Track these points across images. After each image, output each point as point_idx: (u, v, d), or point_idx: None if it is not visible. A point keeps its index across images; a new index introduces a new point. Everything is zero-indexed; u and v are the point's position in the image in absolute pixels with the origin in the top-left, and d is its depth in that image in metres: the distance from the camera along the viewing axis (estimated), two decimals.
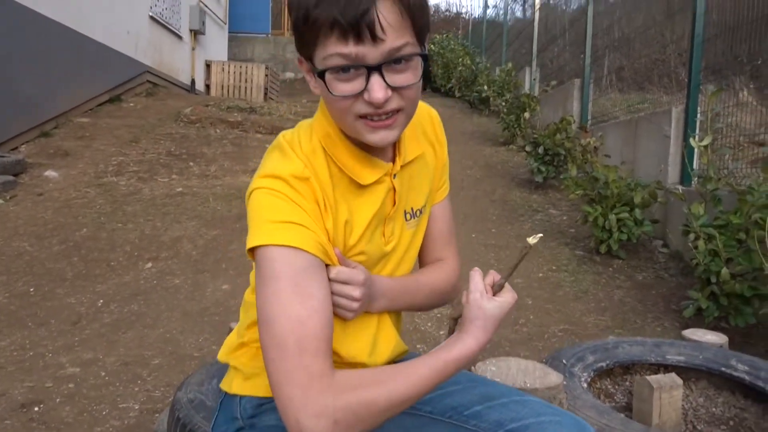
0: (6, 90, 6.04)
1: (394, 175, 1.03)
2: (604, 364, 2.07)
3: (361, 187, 0.99)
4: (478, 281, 0.95)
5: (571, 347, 2.17)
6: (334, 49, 0.83)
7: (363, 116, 0.88)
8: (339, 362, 0.98)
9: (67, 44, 7.08)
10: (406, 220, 1.08)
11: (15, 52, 6.14)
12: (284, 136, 0.99)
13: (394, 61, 0.85)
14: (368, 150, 0.98)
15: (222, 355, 1.11)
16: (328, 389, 0.78)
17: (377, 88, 0.84)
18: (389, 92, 0.86)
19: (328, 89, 0.86)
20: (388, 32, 0.82)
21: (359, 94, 0.86)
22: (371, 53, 0.83)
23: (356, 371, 0.86)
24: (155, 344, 3.00)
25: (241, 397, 1.04)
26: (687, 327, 3.01)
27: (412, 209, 1.08)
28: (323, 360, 0.81)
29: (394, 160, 1.03)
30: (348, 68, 0.84)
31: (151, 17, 9.53)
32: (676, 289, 3.63)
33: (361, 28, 0.80)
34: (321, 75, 0.86)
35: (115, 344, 3.01)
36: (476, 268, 0.97)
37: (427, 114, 1.14)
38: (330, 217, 0.94)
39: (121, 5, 8.46)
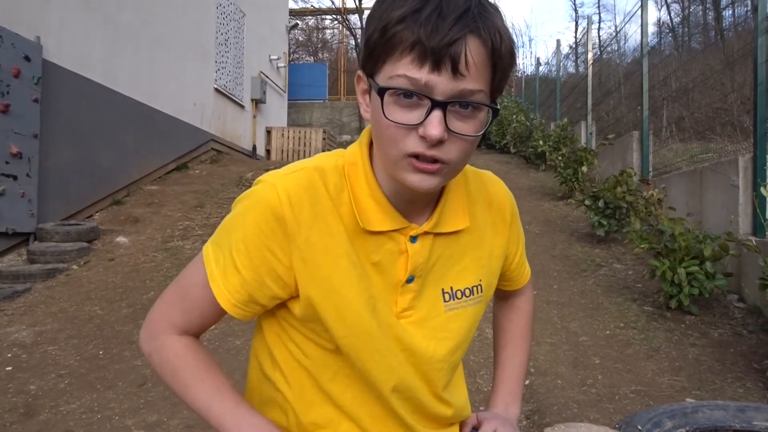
0: (85, 163, 6.48)
1: (414, 239, 0.89)
2: (683, 431, 1.94)
3: (366, 232, 0.87)
4: None
5: (646, 411, 2.05)
6: (404, 71, 0.73)
7: (409, 155, 0.77)
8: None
9: (139, 118, 7.58)
10: (445, 300, 0.93)
11: (94, 128, 6.63)
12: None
13: (462, 104, 0.75)
14: (395, 202, 0.88)
15: None
16: (170, 336, 0.95)
17: (435, 124, 0.73)
18: (446, 134, 0.75)
19: (384, 112, 0.76)
20: (470, 70, 0.73)
21: (414, 127, 0.75)
22: (442, 86, 0.73)
23: (193, 355, 0.96)
24: None
25: None
26: None
27: (451, 288, 0.94)
28: (183, 321, 0.97)
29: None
30: (411, 94, 0.74)
31: (216, 89, 10.10)
32: (757, 346, 3.40)
33: (442, 55, 0.71)
34: (381, 93, 0.76)
35: (178, 406, 3.04)
36: None
37: (505, 193, 1.03)
38: (302, 241, 0.85)
39: (188, 80, 9.03)
